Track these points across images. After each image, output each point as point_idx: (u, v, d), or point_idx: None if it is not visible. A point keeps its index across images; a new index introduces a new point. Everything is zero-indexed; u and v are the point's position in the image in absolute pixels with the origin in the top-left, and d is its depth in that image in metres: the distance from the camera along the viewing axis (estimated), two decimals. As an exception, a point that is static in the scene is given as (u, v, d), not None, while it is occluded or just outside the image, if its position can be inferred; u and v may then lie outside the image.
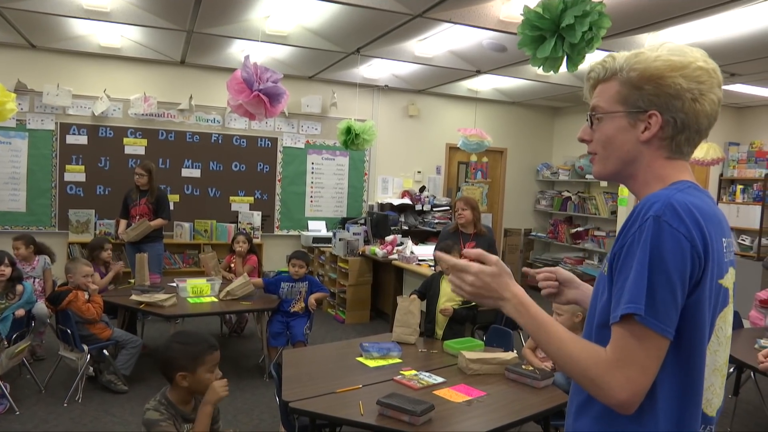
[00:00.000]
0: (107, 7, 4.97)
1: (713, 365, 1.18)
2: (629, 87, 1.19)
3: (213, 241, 7.24)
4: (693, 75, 1.15)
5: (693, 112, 1.16)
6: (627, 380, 1.07)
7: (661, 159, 1.21)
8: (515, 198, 9.25)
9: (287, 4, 4.74)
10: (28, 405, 3.99)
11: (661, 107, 1.17)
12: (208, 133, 7.33)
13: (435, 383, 2.83)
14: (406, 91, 8.24)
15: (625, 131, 1.21)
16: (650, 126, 1.18)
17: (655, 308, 1.06)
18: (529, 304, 1.21)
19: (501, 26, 4.74)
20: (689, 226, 1.07)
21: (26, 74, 6.56)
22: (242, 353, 5.34)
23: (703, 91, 1.16)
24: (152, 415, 2.24)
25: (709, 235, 1.10)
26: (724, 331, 1.20)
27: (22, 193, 6.66)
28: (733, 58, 5.39)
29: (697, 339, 1.12)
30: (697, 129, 1.19)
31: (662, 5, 4.14)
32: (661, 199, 1.10)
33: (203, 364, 2.28)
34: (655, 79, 1.16)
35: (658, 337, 1.07)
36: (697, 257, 1.08)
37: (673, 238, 1.06)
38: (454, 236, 5.10)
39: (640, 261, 1.08)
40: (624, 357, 1.08)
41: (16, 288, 4.04)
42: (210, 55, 6.63)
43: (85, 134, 6.84)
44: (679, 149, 1.20)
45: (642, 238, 1.08)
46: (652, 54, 1.18)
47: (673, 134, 1.18)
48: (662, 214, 1.08)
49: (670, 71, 1.16)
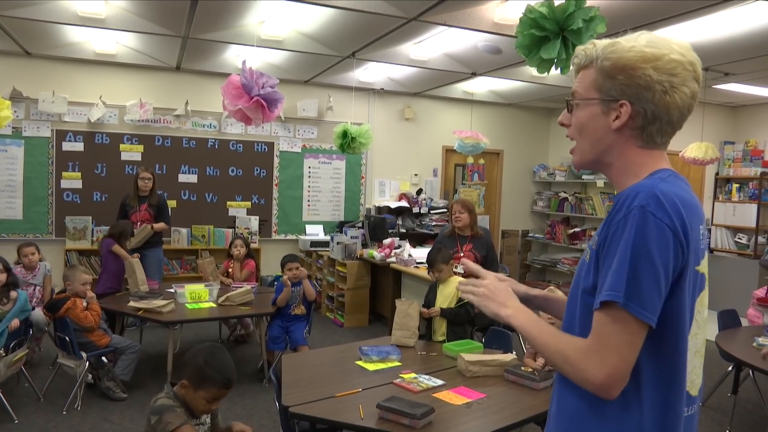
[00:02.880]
0: (102, 13, 4.97)
1: (694, 348, 1.22)
2: (604, 75, 1.22)
3: (211, 246, 7.23)
4: (665, 67, 1.16)
5: (663, 104, 1.18)
6: (601, 362, 1.10)
7: (634, 148, 1.23)
8: (512, 199, 9.26)
9: (282, 9, 4.75)
10: (26, 413, 3.97)
11: (632, 97, 1.19)
12: (204, 138, 7.33)
13: (434, 386, 2.83)
14: (402, 94, 8.25)
15: (598, 118, 1.24)
16: (621, 115, 1.21)
17: (640, 295, 1.08)
18: (525, 310, 1.31)
19: (496, 29, 4.76)
20: (673, 217, 1.10)
21: (22, 82, 6.55)
22: (242, 358, 5.33)
23: (675, 84, 1.17)
24: (165, 401, 2.29)
25: (690, 224, 1.12)
26: (701, 314, 1.23)
27: (18, 201, 6.65)
28: (728, 57, 5.42)
29: (680, 326, 1.16)
30: (669, 120, 1.20)
31: (656, 5, 4.16)
32: (646, 189, 1.12)
33: (206, 390, 2.30)
34: (627, 70, 1.18)
35: (638, 322, 1.09)
36: (680, 247, 1.11)
37: (658, 229, 1.09)
38: (451, 239, 5.09)
39: (623, 250, 1.10)
40: (600, 341, 1.11)
41: (10, 294, 4.03)
42: (205, 60, 6.63)
43: (81, 141, 6.83)
44: (651, 139, 1.22)
45: (626, 228, 1.11)
46: (628, 44, 1.19)
47: (643, 124, 1.20)
48: (647, 204, 1.10)
49: (642, 62, 1.17)
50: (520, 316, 1.30)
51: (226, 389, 2.35)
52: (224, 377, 2.32)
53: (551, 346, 1.20)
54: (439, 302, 3.88)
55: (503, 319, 1.31)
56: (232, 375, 2.36)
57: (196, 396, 2.31)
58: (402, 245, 6.57)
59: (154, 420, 2.25)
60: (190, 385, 2.30)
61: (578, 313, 1.23)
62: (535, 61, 3.17)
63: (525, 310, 1.31)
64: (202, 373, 2.30)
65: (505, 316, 1.31)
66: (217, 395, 2.33)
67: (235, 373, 2.40)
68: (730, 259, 7.76)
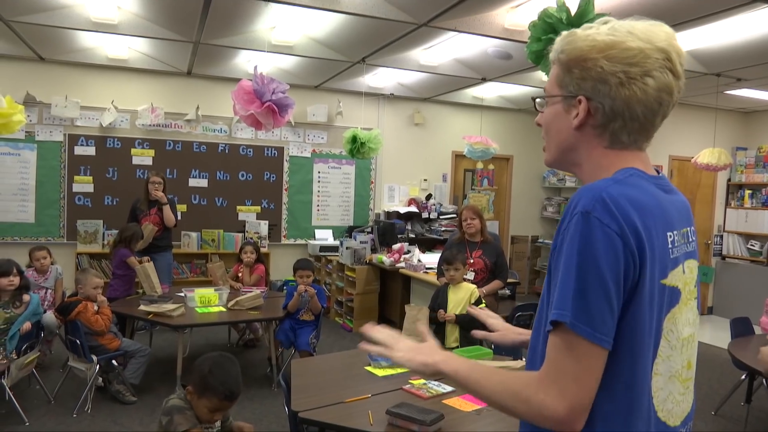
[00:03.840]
0: (115, 19, 5.01)
1: (669, 372, 1.08)
2: (563, 70, 1.11)
3: (220, 250, 7.25)
4: (620, 56, 1.04)
5: (622, 97, 1.05)
6: (560, 393, 0.96)
7: (600, 148, 1.11)
8: (522, 205, 9.23)
9: (293, 14, 4.77)
10: (37, 416, 4.00)
11: (588, 92, 1.07)
12: (214, 143, 7.37)
13: (444, 392, 2.82)
14: (412, 100, 8.26)
15: (560, 117, 1.14)
16: (579, 112, 1.09)
17: (589, 314, 0.95)
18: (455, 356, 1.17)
19: (506, 34, 4.75)
20: (621, 222, 0.97)
21: (35, 86, 6.62)
22: (250, 363, 5.34)
23: (632, 75, 1.04)
24: (177, 402, 2.31)
25: (647, 231, 0.99)
26: (675, 333, 1.08)
27: (30, 204, 6.70)
28: (740, 63, 5.39)
29: (638, 348, 1.00)
30: (633, 117, 1.07)
31: (668, 11, 4.14)
32: (592, 192, 1.00)
33: (208, 399, 2.32)
34: (580, 62, 1.07)
35: (592, 345, 0.96)
36: (631, 256, 0.97)
37: (604, 236, 0.96)
38: (460, 245, 5.07)
39: (567, 262, 0.98)
40: (556, 370, 0.98)
41: (22, 297, 4.06)
42: (216, 65, 6.68)
43: (93, 145, 6.89)
44: (616, 139, 1.09)
45: (569, 236, 0.99)
46: (584, 33, 1.09)
47: (604, 122, 1.08)
48: (592, 209, 0.97)
49: (595, 52, 1.05)
50: (451, 361, 1.14)
51: (228, 402, 2.34)
52: (226, 389, 2.32)
53: (497, 386, 1.04)
54: (451, 307, 3.86)
55: (433, 368, 1.15)
56: (235, 388, 2.36)
57: (199, 404, 2.33)
58: (411, 250, 6.57)
59: (166, 420, 2.26)
60: (195, 391, 2.33)
61: (541, 345, 1.07)
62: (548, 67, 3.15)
63: (456, 356, 1.16)
64: (206, 382, 2.31)
65: (434, 363, 1.15)
66: (218, 406, 2.33)
67: (240, 386, 2.39)
68: (742, 266, 7.69)
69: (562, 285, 0.99)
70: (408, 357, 1.19)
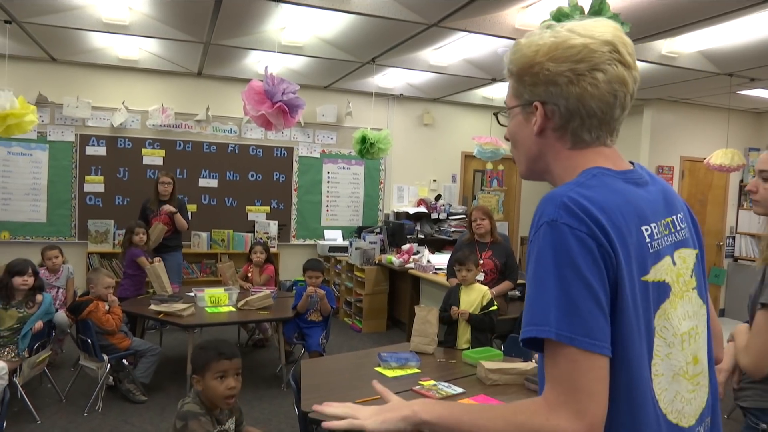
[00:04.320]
0: (126, 20, 5.04)
1: (671, 371, 1.04)
2: (516, 80, 1.12)
3: (230, 250, 7.27)
4: (564, 56, 1.04)
5: (574, 96, 1.04)
6: (576, 413, 0.90)
7: (564, 151, 1.11)
8: (531, 206, 9.18)
9: (303, 15, 4.77)
10: (48, 414, 4.02)
11: (541, 96, 1.08)
12: (224, 143, 7.39)
13: (454, 393, 2.81)
14: (421, 100, 8.24)
15: (522, 127, 1.14)
16: (537, 118, 1.10)
17: (583, 322, 0.91)
18: (431, 401, 1.10)
19: (516, 34, 4.73)
20: (589, 224, 0.95)
21: (47, 87, 6.67)
22: (260, 363, 5.35)
23: (580, 71, 1.03)
24: (192, 407, 2.32)
25: (615, 229, 0.97)
26: (671, 329, 1.05)
27: (42, 204, 6.75)
28: (753, 62, 5.34)
29: (630, 353, 0.97)
30: (589, 113, 1.05)
31: (679, 12, 4.11)
32: (554, 200, 0.98)
33: (209, 371, 2.36)
34: (528, 69, 1.08)
35: (594, 356, 0.91)
36: (607, 255, 0.95)
37: (577, 239, 0.94)
38: (470, 246, 5.05)
39: (541, 275, 0.95)
40: (565, 389, 0.92)
41: (36, 297, 4.09)
42: (226, 66, 6.70)
43: (104, 145, 6.93)
44: (578, 138, 1.09)
45: (538, 249, 0.97)
46: (527, 41, 1.10)
47: (563, 123, 1.08)
48: (558, 216, 0.96)
49: (539, 57, 1.06)
50: (429, 406, 1.05)
51: (224, 358, 2.38)
52: (217, 349, 2.40)
53: (498, 423, 0.96)
54: (463, 308, 3.83)
55: (414, 419, 1.04)
56: (225, 348, 2.43)
57: (208, 385, 2.36)
58: (421, 251, 6.55)
59: (180, 425, 2.26)
60: (198, 375, 2.38)
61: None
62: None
63: (431, 401, 1.10)
64: (199, 357, 2.40)
65: (413, 413, 1.05)
66: (221, 369, 2.36)
67: (231, 346, 2.47)
68: (754, 268, 7.62)
69: (536, 299, 0.95)
70: (381, 419, 1.07)
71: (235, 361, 2.42)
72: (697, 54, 5.34)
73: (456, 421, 1.00)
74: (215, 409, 2.41)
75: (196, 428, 2.25)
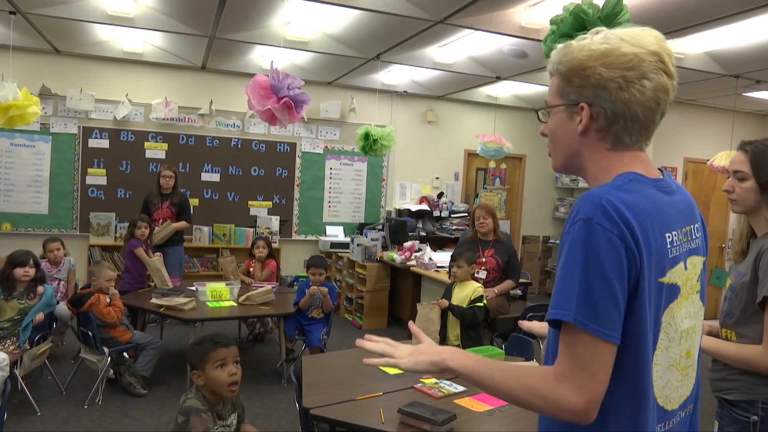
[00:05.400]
0: (131, 12, 5.03)
1: (667, 362, 1.16)
2: (563, 81, 1.18)
3: (231, 245, 7.27)
4: (616, 62, 1.11)
5: (622, 101, 1.12)
6: (578, 388, 1.04)
7: (603, 151, 1.18)
8: (534, 205, 9.18)
9: (308, 10, 4.76)
10: (49, 406, 4.02)
11: (589, 98, 1.15)
12: (227, 137, 7.38)
13: (456, 392, 2.80)
14: (425, 97, 8.23)
15: (565, 125, 1.21)
16: (582, 118, 1.17)
17: (597, 313, 1.03)
18: (460, 352, 1.21)
19: (522, 32, 4.71)
20: (621, 227, 1.04)
21: (50, 79, 6.66)
22: (260, 358, 5.35)
23: (630, 79, 1.11)
24: (194, 403, 2.32)
25: (643, 233, 1.07)
26: (674, 326, 1.16)
27: (44, 196, 6.75)
28: (759, 64, 5.31)
29: (642, 343, 1.09)
30: (633, 118, 1.13)
31: (685, 12, 4.09)
32: (592, 200, 1.07)
33: (209, 362, 2.37)
34: (579, 71, 1.14)
35: (603, 342, 1.03)
36: (632, 257, 1.05)
37: (607, 240, 1.04)
38: (472, 244, 5.05)
39: (570, 266, 1.06)
40: (572, 366, 1.05)
41: (37, 288, 4.09)
42: (231, 60, 6.68)
43: (107, 138, 6.92)
44: (619, 140, 1.16)
45: (572, 241, 1.07)
46: (579, 44, 1.16)
47: (606, 125, 1.15)
48: (593, 215, 1.05)
49: (592, 61, 1.13)
50: (457, 356, 1.19)
51: (221, 347, 2.40)
52: (211, 339, 2.43)
53: (512, 383, 1.10)
54: (456, 299, 3.85)
55: (441, 365, 1.19)
56: (219, 337, 2.46)
57: (210, 376, 2.36)
58: (422, 249, 6.54)
59: (182, 420, 2.26)
60: (198, 370, 2.38)
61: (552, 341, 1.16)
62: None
63: (460, 351, 1.21)
64: (196, 352, 2.41)
65: (441, 360, 1.19)
66: (220, 357, 2.38)
67: (225, 336, 2.50)
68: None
69: (563, 286, 1.06)
70: (414, 360, 1.21)
71: (232, 348, 2.44)
72: (704, 55, 5.32)
73: (477, 373, 1.14)
74: (218, 404, 2.41)
75: (197, 424, 2.25)
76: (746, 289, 1.90)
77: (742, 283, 1.92)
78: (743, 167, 1.92)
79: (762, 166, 1.88)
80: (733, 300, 1.97)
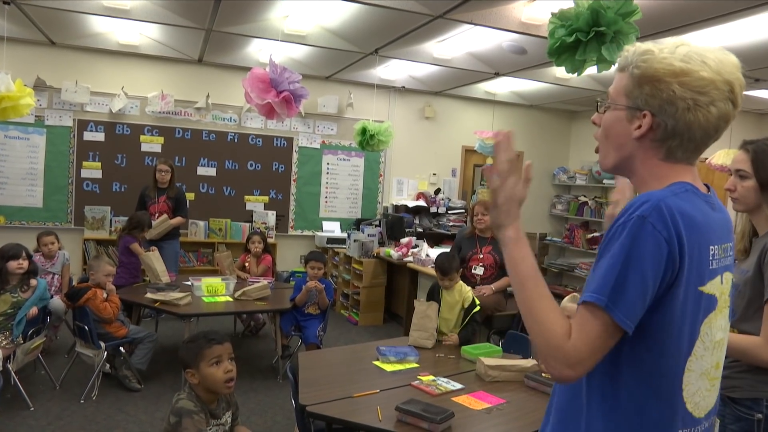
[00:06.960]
0: (127, 4, 4.98)
1: (700, 370, 1.20)
2: (633, 82, 1.19)
3: (227, 239, 7.23)
4: (692, 84, 1.13)
5: (685, 121, 1.14)
6: (574, 349, 1.10)
7: (655, 159, 1.21)
8: (530, 202, 9.14)
9: (306, 3, 4.71)
10: (42, 401, 3.99)
11: (655, 109, 1.16)
12: (224, 131, 7.33)
13: (453, 389, 2.78)
14: (423, 93, 8.19)
15: (622, 124, 1.22)
16: (642, 125, 1.19)
17: (625, 303, 1.08)
18: (525, 242, 1.23)
19: (522, 28, 4.69)
20: (671, 231, 1.09)
21: (45, 71, 6.59)
22: (256, 354, 5.32)
23: (700, 103, 1.13)
24: (186, 404, 2.28)
25: (690, 243, 1.11)
26: (710, 336, 1.20)
27: (39, 189, 6.69)
28: (759, 63, 5.30)
29: (668, 342, 1.14)
30: (690, 138, 1.17)
31: (684, 11, 4.07)
32: (652, 200, 1.11)
33: (203, 359, 2.34)
34: (653, 81, 1.16)
35: (616, 325, 1.09)
36: (672, 261, 1.09)
37: (654, 240, 1.08)
38: (470, 240, 5.04)
39: (616, 255, 1.10)
40: (582, 337, 1.11)
41: (30, 282, 4.05)
42: (228, 54, 6.63)
43: (103, 131, 6.86)
44: (671, 154, 1.20)
45: (623, 234, 1.10)
46: (661, 54, 1.16)
47: (663, 138, 1.18)
48: (649, 215, 1.09)
49: (669, 76, 1.14)
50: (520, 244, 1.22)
51: (216, 344, 2.38)
52: (204, 336, 2.40)
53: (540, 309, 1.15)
54: (444, 311, 3.72)
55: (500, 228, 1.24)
56: (213, 334, 2.42)
57: (205, 374, 2.33)
58: (419, 245, 6.52)
59: (174, 421, 2.23)
60: (192, 368, 2.34)
61: None
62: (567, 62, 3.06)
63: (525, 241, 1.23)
64: (190, 350, 2.37)
65: (505, 227, 1.23)
66: (215, 354, 2.35)
67: (218, 333, 2.46)
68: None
69: (605, 272, 1.11)
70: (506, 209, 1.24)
71: (226, 345, 2.41)
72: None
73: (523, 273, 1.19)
74: (212, 403, 2.37)
75: (189, 426, 2.21)
76: (749, 286, 1.91)
77: (745, 280, 1.94)
78: (745, 166, 1.96)
79: (763, 165, 1.92)
80: (735, 298, 1.97)
